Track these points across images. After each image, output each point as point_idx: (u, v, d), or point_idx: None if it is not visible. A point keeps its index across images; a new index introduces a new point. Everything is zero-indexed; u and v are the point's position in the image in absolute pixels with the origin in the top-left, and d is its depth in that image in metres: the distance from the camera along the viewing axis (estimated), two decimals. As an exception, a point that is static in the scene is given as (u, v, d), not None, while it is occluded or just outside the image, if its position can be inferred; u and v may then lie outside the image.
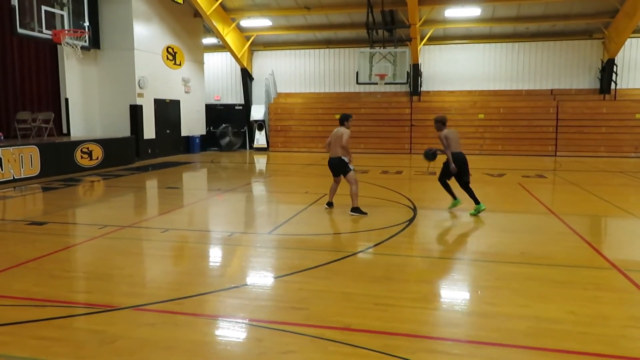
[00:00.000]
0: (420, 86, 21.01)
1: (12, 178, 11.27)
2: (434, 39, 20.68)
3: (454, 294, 4.61)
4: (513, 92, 20.68)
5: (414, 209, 8.33)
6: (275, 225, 7.38)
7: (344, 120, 7.92)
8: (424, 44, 20.38)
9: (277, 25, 20.95)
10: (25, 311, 4.03)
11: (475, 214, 7.86)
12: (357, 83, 19.07)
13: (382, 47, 18.68)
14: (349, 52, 21.80)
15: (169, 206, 9.21)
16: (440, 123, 8.01)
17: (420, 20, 18.45)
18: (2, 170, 11.02)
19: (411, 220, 7.49)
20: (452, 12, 18.44)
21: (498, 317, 3.93)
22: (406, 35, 18.95)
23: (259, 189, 11.88)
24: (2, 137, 13.27)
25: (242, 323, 3.84)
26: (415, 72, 20.47)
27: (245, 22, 20.51)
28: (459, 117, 20.14)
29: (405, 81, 18.94)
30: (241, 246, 6.29)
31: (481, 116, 20.01)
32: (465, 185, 8.04)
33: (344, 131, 7.80)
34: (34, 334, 3.61)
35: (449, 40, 21.08)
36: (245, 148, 22.25)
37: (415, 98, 20.92)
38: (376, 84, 18.70)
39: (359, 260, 5.62)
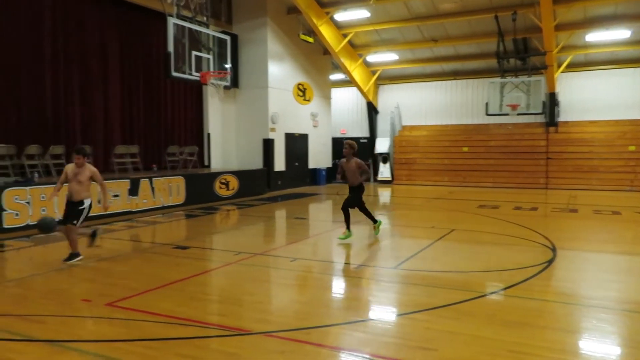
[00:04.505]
0: (558, 116, 19.58)
1: (161, 205, 12.56)
2: (574, 66, 19.26)
3: (604, 347, 4.08)
4: (671, 120, 18.35)
5: (553, 249, 7.64)
6: (400, 259, 7.25)
7: None
8: (561, 72, 19.06)
9: (403, 58, 21.12)
10: (170, 329, 4.38)
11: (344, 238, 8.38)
12: (487, 114, 18.33)
13: (514, 77, 17.82)
14: (478, 83, 21.15)
15: (297, 236, 9.54)
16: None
17: (557, 47, 17.34)
18: (154, 198, 12.34)
19: (550, 262, 6.87)
20: (594, 37, 17.07)
21: (663, 381, 3.39)
22: (541, 63, 17.89)
23: (383, 222, 11.80)
24: (155, 169, 14.91)
25: (368, 358, 3.77)
26: (551, 102, 19.16)
27: (371, 57, 20.99)
28: (603, 149, 18.35)
29: (540, 111, 17.79)
30: (366, 279, 6.26)
31: (632, 148, 18.00)
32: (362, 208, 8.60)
33: None
34: (177, 351, 3.90)
35: (592, 66, 19.48)
36: (370, 181, 22.41)
37: (551, 129, 19.52)
38: (507, 114, 17.83)
39: (490, 302, 5.27)
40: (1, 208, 9.13)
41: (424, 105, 22.48)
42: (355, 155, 8.49)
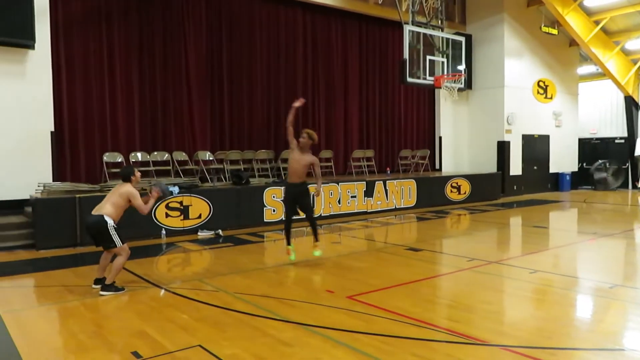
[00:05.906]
0: None
1: (394, 207, 13.04)
2: None
3: None
4: None
5: None
6: (671, 283, 6.04)
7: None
8: None
9: (677, 41, 17.57)
10: (404, 327, 4.51)
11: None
12: None
13: None
14: None
15: (535, 246, 8.79)
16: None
17: None
18: (387, 200, 12.89)
19: None
20: None
21: None
22: None
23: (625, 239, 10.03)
24: (389, 172, 15.55)
25: (629, 395, 3.25)
26: None
27: (632, 44, 18.01)
28: None
29: None
30: (625, 302, 5.39)
31: None
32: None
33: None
34: (411, 350, 3.99)
35: None
36: (627, 188, 19.23)
37: None
38: None
39: None
40: (263, 204, 10.73)
41: None
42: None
